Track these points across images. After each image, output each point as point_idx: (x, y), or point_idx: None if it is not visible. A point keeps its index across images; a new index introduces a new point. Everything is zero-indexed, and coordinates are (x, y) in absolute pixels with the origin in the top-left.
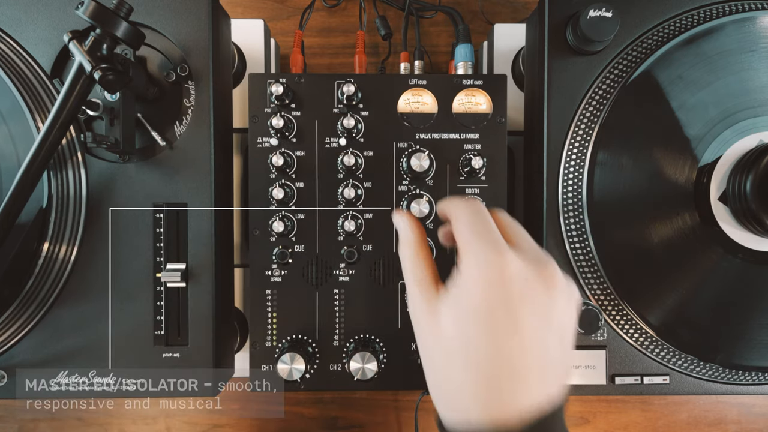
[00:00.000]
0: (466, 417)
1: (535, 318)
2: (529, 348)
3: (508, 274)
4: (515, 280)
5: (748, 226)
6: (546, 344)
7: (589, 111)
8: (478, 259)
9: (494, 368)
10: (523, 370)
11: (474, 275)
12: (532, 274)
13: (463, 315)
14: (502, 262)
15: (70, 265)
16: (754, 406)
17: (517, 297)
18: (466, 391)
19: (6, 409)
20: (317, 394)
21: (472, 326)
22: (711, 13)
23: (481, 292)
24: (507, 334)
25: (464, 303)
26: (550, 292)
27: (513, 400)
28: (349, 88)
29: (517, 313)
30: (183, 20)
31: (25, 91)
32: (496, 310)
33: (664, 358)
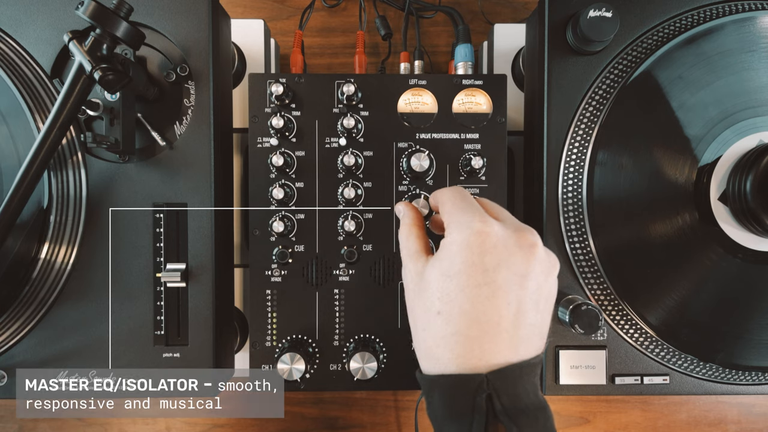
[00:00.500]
0: (440, 366)
1: (511, 282)
2: (501, 307)
3: (487, 238)
4: (495, 244)
5: (748, 226)
6: (520, 306)
7: (589, 111)
8: (461, 226)
9: (468, 324)
10: (495, 327)
11: (456, 239)
12: (512, 240)
13: (444, 274)
14: (482, 227)
15: (70, 265)
16: (754, 406)
17: (495, 260)
18: (441, 344)
19: (6, 409)
20: (317, 394)
21: (451, 285)
22: (711, 13)
23: (461, 254)
24: (482, 295)
25: (446, 264)
26: (529, 259)
27: (482, 352)
28: (349, 88)
29: (494, 275)
30: (183, 20)
31: (26, 91)
32: (474, 272)
33: (664, 358)
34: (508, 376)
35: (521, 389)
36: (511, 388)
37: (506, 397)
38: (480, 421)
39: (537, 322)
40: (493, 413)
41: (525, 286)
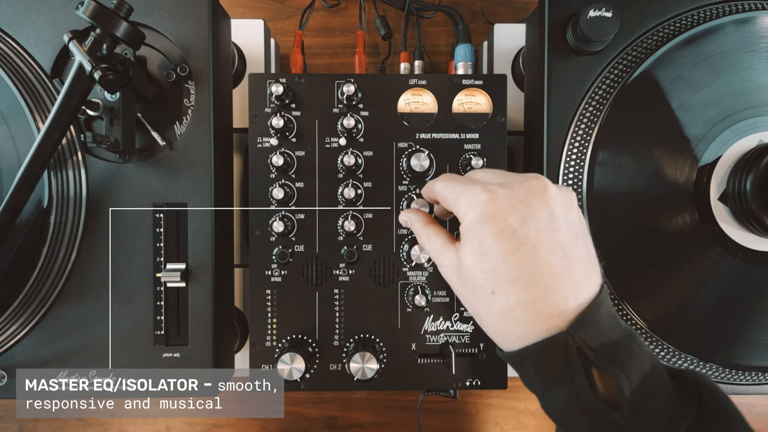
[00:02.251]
0: (520, 339)
1: (542, 230)
2: (548, 258)
3: (500, 202)
4: (510, 204)
5: (748, 226)
6: (563, 248)
7: (589, 111)
8: (469, 204)
9: (525, 289)
10: (551, 279)
11: (473, 218)
12: (523, 193)
13: (479, 255)
14: (490, 195)
15: (70, 265)
16: (754, 406)
17: (519, 218)
18: (510, 318)
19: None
20: (317, 394)
21: (491, 261)
22: (711, 13)
23: (485, 228)
24: (524, 255)
25: (476, 244)
26: (547, 201)
27: (552, 309)
28: (349, 88)
29: (525, 231)
30: (183, 20)
31: (26, 91)
32: (505, 238)
33: (664, 358)
34: (588, 321)
35: (604, 326)
36: (595, 330)
37: (595, 342)
38: (580, 375)
39: (584, 254)
40: (589, 363)
41: (557, 227)
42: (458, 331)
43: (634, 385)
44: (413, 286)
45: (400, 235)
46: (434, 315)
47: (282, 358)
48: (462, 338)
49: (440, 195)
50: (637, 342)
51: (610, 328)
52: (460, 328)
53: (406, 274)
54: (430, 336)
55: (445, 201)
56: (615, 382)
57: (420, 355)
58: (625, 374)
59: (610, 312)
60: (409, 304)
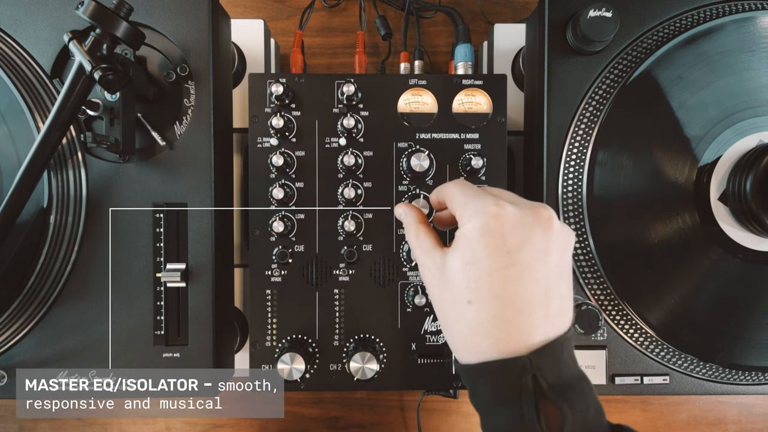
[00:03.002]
0: (480, 354)
1: (535, 259)
2: (531, 286)
3: (506, 220)
4: (514, 225)
5: (748, 226)
6: (547, 282)
7: (589, 111)
8: (476, 212)
9: (502, 308)
10: (528, 307)
11: (475, 226)
12: (529, 218)
13: (468, 262)
14: (498, 210)
15: (70, 265)
16: (754, 406)
17: (517, 240)
18: (477, 331)
19: (6, 409)
20: (317, 394)
21: (477, 271)
22: (711, 13)
23: (482, 239)
24: (511, 276)
25: (468, 252)
26: (548, 233)
27: (520, 334)
28: (349, 88)
29: (519, 255)
30: (183, 20)
31: (26, 91)
32: (499, 255)
33: (664, 358)
34: (549, 354)
35: (563, 364)
36: (553, 364)
37: (551, 375)
38: (529, 402)
39: (565, 294)
40: (541, 392)
41: (548, 260)
42: None
43: (576, 425)
44: (413, 286)
45: (400, 235)
46: (434, 315)
47: (282, 358)
48: None
49: (450, 196)
50: (588, 386)
51: (568, 367)
52: None
53: (406, 274)
54: (430, 336)
55: (453, 203)
56: (560, 417)
57: (420, 355)
58: (571, 411)
59: (570, 353)
60: (409, 304)
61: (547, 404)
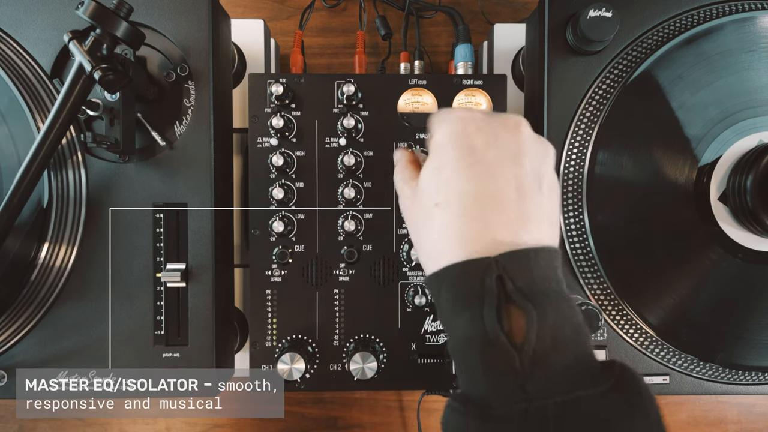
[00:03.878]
0: (446, 258)
1: (504, 158)
2: (500, 182)
3: (470, 122)
4: (479, 127)
5: (748, 226)
6: (521, 184)
7: (589, 111)
8: (442, 120)
9: (468, 203)
10: (496, 203)
11: (442, 131)
12: (496, 122)
13: (435, 168)
14: (464, 114)
15: (70, 265)
16: (754, 406)
17: (482, 140)
18: (443, 233)
19: (6, 409)
20: (317, 394)
21: (444, 174)
22: (711, 13)
23: (448, 144)
24: (478, 172)
25: (435, 160)
26: (517, 137)
27: (487, 230)
28: (349, 88)
29: (485, 152)
30: (183, 20)
31: (26, 91)
32: (464, 153)
33: (664, 358)
34: (521, 259)
35: (538, 275)
36: (525, 270)
37: (520, 279)
38: (491, 303)
39: (543, 204)
40: (505, 294)
41: (520, 163)
42: None
43: (544, 333)
44: (413, 286)
45: (400, 235)
46: (434, 315)
47: (282, 358)
48: None
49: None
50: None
51: (546, 280)
52: None
53: (406, 274)
54: (430, 336)
55: (430, 123)
56: (525, 320)
57: (420, 355)
58: (538, 316)
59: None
60: (409, 304)
61: (511, 307)
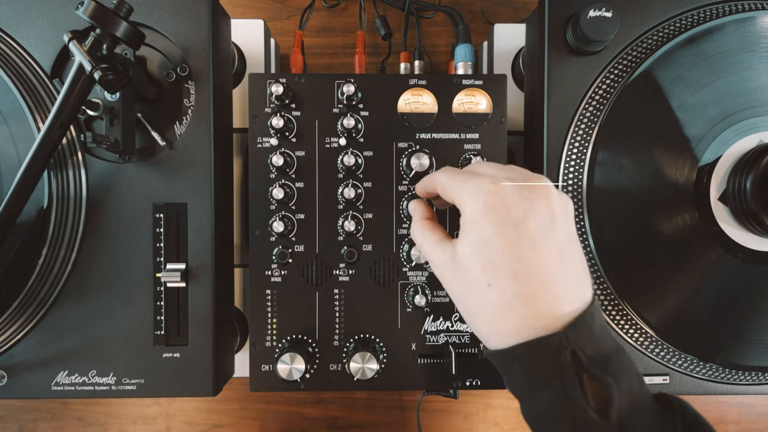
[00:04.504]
0: (511, 336)
1: (542, 226)
2: (546, 255)
3: (504, 195)
4: (514, 198)
5: (748, 226)
6: (560, 248)
7: (589, 111)
8: (474, 194)
9: (523, 283)
10: (548, 277)
11: (476, 208)
12: (527, 189)
13: (478, 245)
14: (495, 187)
15: (70, 265)
16: (754, 406)
17: (521, 212)
18: (504, 313)
19: (6, 409)
20: (317, 394)
21: (489, 253)
22: (711, 13)
23: (487, 219)
24: (524, 249)
25: (476, 236)
26: (549, 201)
27: (548, 307)
28: (349, 88)
29: (526, 226)
30: (183, 20)
31: (26, 91)
32: (507, 230)
33: (664, 358)
34: (582, 326)
35: (597, 335)
36: (588, 337)
37: (589, 348)
38: (571, 379)
39: (578, 258)
40: (582, 368)
41: (555, 227)
42: (458, 331)
43: (623, 398)
44: (413, 286)
45: (400, 235)
46: (434, 315)
47: (282, 358)
48: (462, 338)
49: (442, 186)
50: (626, 357)
51: (603, 339)
52: (460, 328)
53: (406, 274)
54: (430, 336)
55: (447, 192)
56: (606, 391)
57: (420, 355)
58: (616, 385)
59: (602, 323)
60: (409, 304)
61: (590, 380)
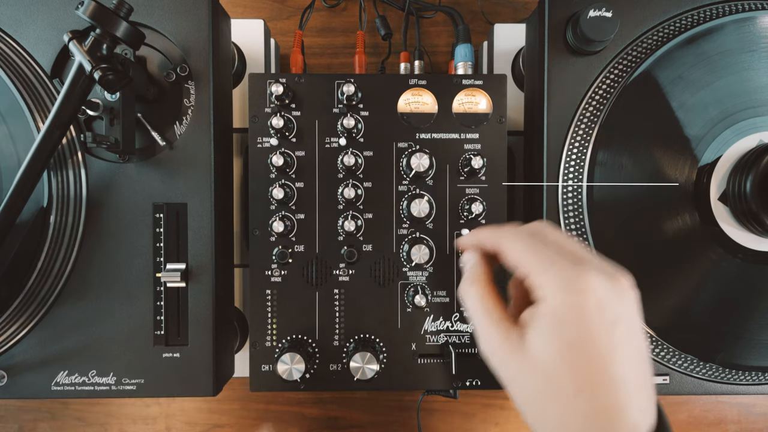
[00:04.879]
0: None
1: (626, 339)
2: (628, 371)
3: (598, 294)
4: (607, 298)
5: (748, 226)
6: (636, 363)
7: (589, 111)
8: (560, 281)
9: (602, 396)
10: (627, 395)
11: (565, 301)
12: (617, 288)
13: (568, 346)
14: (585, 281)
15: (70, 264)
16: (754, 406)
17: (612, 319)
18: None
19: (6, 409)
20: (317, 394)
21: (582, 355)
22: (711, 13)
23: (577, 318)
24: (610, 360)
25: (565, 333)
26: (630, 305)
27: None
28: (349, 88)
29: (615, 336)
30: (183, 20)
31: (26, 91)
32: (601, 334)
33: (664, 358)
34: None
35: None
36: None
37: None
38: None
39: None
40: None
41: (632, 340)
42: (458, 331)
43: None
44: (413, 286)
45: (400, 235)
46: (434, 315)
47: (282, 358)
48: (462, 338)
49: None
50: None
51: None
52: (460, 328)
53: (406, 274)
54: (430, 336)
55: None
56: None
57: (420, 355)
58: None
59: None
60: (409, 304)
61: None
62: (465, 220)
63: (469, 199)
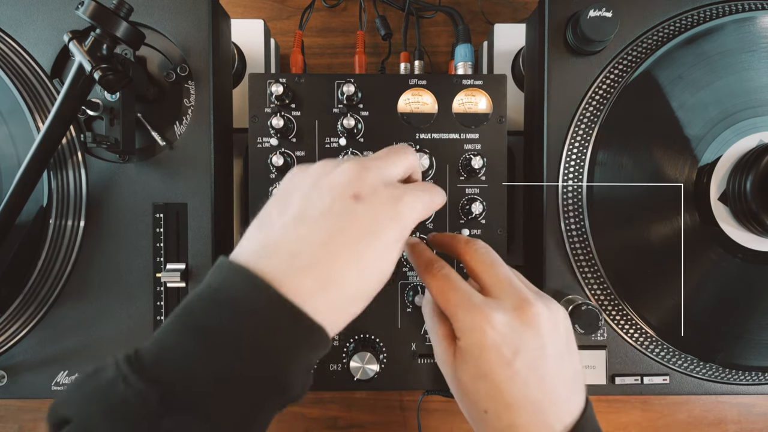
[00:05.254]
0: None
1: (533, 360)
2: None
3: (496, 334)
4: (504, 335)
5: (748, 226)
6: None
7: (589, 111)
8: (469, 328)
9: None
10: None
11: (470, 342)
12: (517, 323)
13: (475, 377)
14: (488, 327)
15: (70, 265)
16: (754, 406)
17: (512, 349)
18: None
19: (6, 409)
20: (317, 394)
21: (486, 385)
22: (711, 13)
23: (482, 355)
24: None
25: (472, 367)
26: (537, 331)
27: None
28: (349, 88)
29: (518, 363)
30: (183, 20)
31: (25, 91)
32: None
33: (664, 358)
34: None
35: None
36: None
37: None
38: None
39: (569, 375)
40: None
41: (546, 354)
42: None
43: None
44: (413, 286)
45: None
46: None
47: None
48: None
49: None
50: None
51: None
52: None
53: (406, 274)
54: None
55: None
56: None
57: (420, 355)
58: None
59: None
60: (409, 304)
61: None
62: (465, 220)
63: (469, 199)
